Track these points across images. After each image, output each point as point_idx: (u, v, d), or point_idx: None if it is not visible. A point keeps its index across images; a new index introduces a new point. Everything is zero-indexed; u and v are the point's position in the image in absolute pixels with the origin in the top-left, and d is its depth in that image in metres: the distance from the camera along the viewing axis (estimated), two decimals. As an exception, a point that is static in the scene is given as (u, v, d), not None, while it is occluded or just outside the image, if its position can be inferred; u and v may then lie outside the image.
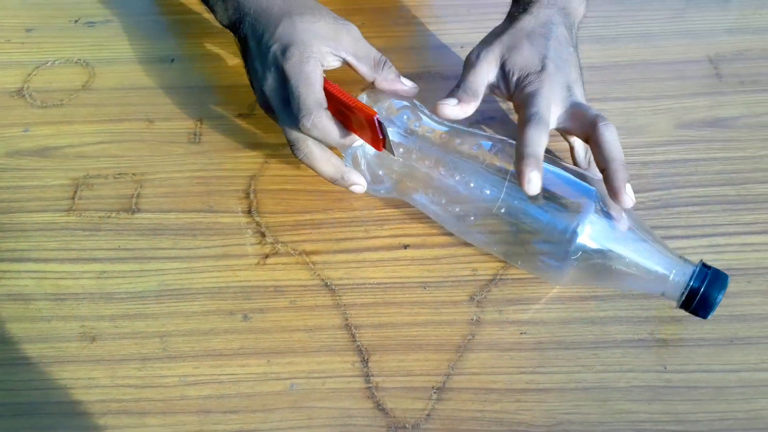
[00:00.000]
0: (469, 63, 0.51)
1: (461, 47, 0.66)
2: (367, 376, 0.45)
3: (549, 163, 0.46)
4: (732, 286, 0.48)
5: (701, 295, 0.42)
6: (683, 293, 0.43)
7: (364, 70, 0.51)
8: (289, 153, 0.57)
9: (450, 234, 0.52)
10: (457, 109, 0.49)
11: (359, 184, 0.50)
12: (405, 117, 0.50)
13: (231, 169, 0.57)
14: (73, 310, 0.49)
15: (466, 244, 0.51)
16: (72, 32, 0.68)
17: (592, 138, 0.46)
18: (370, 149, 0.49)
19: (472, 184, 0.46)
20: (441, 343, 0.47)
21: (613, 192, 0.44)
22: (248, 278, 0.50)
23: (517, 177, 0.44)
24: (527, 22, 0.51)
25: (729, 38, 0.64)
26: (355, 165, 0.50)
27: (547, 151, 0.46)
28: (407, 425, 0.43)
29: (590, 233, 0.43)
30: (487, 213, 0.46)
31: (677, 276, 0.43)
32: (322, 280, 0.50)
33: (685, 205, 0.53)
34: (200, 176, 0.56)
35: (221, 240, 0.52)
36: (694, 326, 0.46)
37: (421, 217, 0.53)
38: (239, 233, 0.53)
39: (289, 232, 0.53)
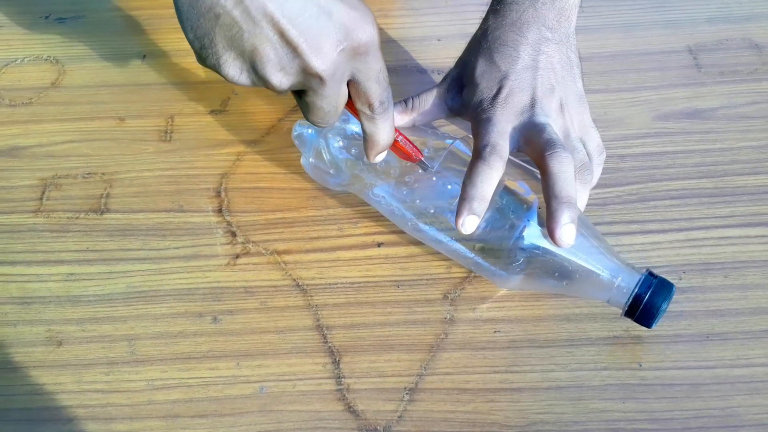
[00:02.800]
0: (437, 86, 0.51)
1: (438, 40, 0.65)
2: (339, 377, 0.45)
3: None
4: (708, 281, 0.48)
5: (645, 303, 0.41)
6: (627, 301, 0.42)
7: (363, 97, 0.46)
8: (263, 150, 0.57)
9: (424, 231, 0.51)
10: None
11: None
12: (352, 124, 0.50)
13: (202, 168, 0.56)
14: (40, 314, 0.48)
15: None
16: (42, 29, 0.67)
17: (540, 167, 0.43)
18: (333, 142, 0.49)
19: (416, 196, 0.47)
20: (414, 343, 0.46)
21: (548, 230, 0.41)
22: (218, 279, 0.49)
23: (455, 214, 0.42)
24: (496, 27, 0.48)
25: (709, 28, 0.64)
26: (319, 159, 0.49)
27: None
28: (378, 427, 0.43)
29: (532, 240, 0.43)
30: (427, 218, 0.46)
31: (622, 283, 0.42)
32: (294, 280, 0.49)
33: (662, 199, 0.52)
34: (171, 175, 0.55)
35: (191, 240, 0.51)
36: (669, 323, 0.46)
37: (395, 214, 0.52)
38: (209, 233, 0.52)
39: (261, 231, 0.52)
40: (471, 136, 0.47)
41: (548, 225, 0.41)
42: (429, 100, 0.50)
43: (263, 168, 0.56)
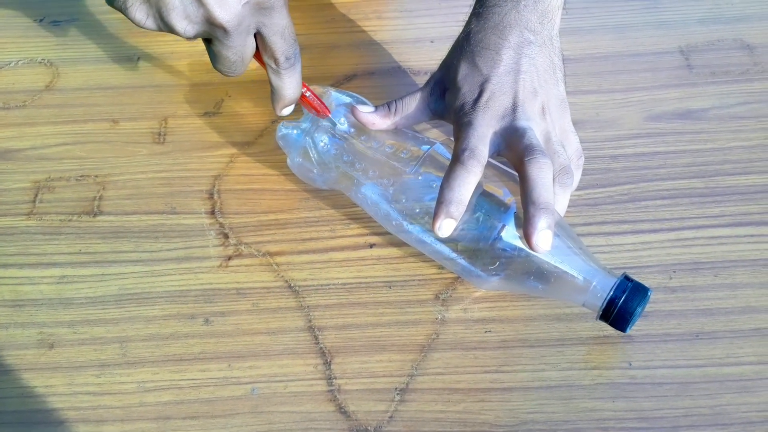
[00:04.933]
0: (421, 89, 0.50)
1: (431, 42, 0.65)
2: (330, 378, 0.45)
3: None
4: (698, 280, 0.48)
5: (619, 307, 0.42)
6: (602, 305, 0.42)
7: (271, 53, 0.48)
8: (256, 152, 0.57)
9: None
10: (366, 117, 0.49)
11: None
12: (341, 117, 0.50)
13: (195, 169, 0.56)
14: (32, 316, 0.48)
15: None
16: (36, 31, 0.67)
17: (519, 172, 0.42)
18: (319, 140, 0.49)
19: (400, 195, 0.47)
20: (405, 344, 0.46)
21: (525, 235, 0.40)
22: (210, 281, 0.49)
23: (432, 217, 0.42)
24: (478, 30, 0.47)
25: (701, 29, 0.64)
26: (306, 159, 0.50)
27: None
28: (369, 428, 0.43)
29: (510, 242, 0.43)
30: (411, 218, 0.47)
31: (598, 286, 0.42)
32: (286, 281, 0.49)
33: (653, 199, 0.52)
34: (164, 177, 0.55)
35: (183, 242, 0.51)
36: (660, 322, 0.46)
37: (387, 216, 0.52)
38: (202, 235, 0.52)
39: (253, 232, 0.52)
40: (452, 139, 0.47)
41: (525, 230, 0.40)
42: (412, 103, 0.50)
43: (256, 170, 0.56)
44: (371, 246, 0.51)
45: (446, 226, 0.41)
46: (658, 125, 0.57)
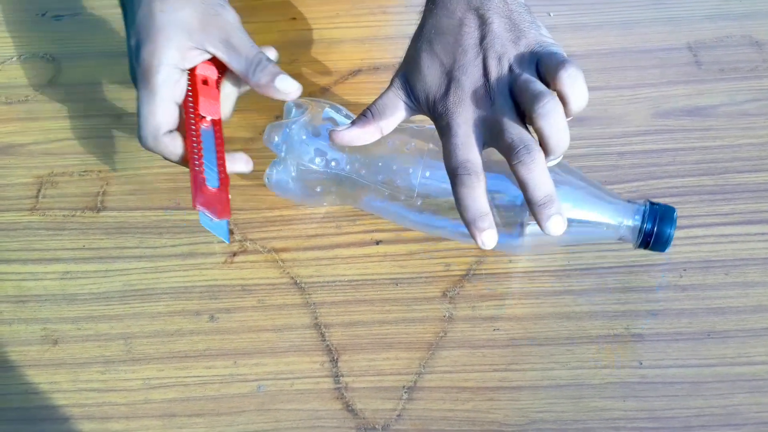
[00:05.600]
0: (389, 85, 0.46)
1: (437, 37, 0.64)
2: (337, 376, 0.44)
3: None
4: (709, 279, 0.47)
5: (656, 234, 0.44)
6: (638, 237, 0.45)
7: (236, 67, 0.45)
8: (260, 147, 0.56)
9: (423, 229, 0.51)
10: (348, 135, 0.44)
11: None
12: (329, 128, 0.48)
13: (200, 165, 0.55)
14: (35, 312, 0.48)
15: (440, 239, 0.50)
16: (38, 26, 0.67)
17: (511, 169, 0.40)
18: (291, 169, 0.48)
19: (407, 170, 0.46)
20: (412, 341, 0.45)
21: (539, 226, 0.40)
22: (215, 277, 0.49)
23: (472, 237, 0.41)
24: (430, 15, 0.44)
25: (709, 25, 0.63)
26: (306, 185, 0.49)
27: None
28: (377, 426, 0.42)
29: None
30: (427, 195, 0.46)
31: (628, 221, 0.45)
32: (292, 278, 0.49)
33: (663, 197, 0.51)
34: (168, 172, 0.55)
35: (188, 238, 0.51)
36: (670, 320, 0.45)
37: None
38: (206, 231, 0.51)
39: (259, 228, 0.51)
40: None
41: (537, 222, 0.40)
42: (387, 104, 0.45)
43: (260, 165, 0.55)
44: (377, 243, 0.50)
45: (488, 239, 0.40)
46: (667, 122, 0.56)
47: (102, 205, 0.53)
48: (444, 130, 0.42)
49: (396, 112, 0.45)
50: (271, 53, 0.50)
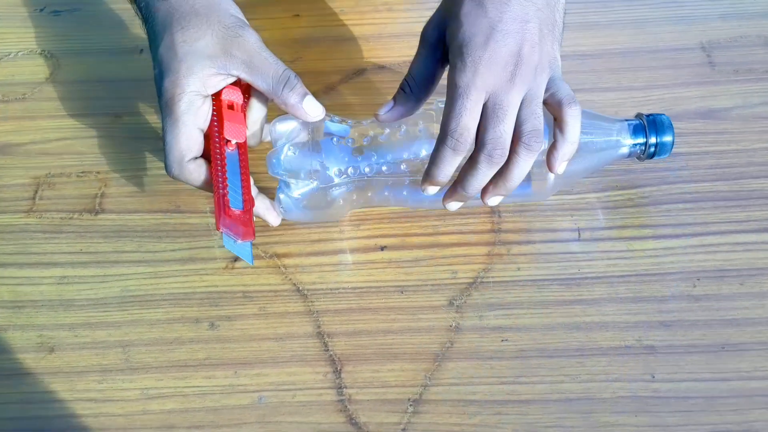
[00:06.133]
0: (420, 42, 0.45)
1: (444, 35, 0.63)
2: (340, 387, 0.43)
3: None
4: (724, 288, 0.46)
5: (658, 144, 0.47)
6: (643, 150, 0.48)
7: (261, 87, 0.45)
8: (261, 149, 0.55)
9: (429, 234, 0.49)
10: (393, 115, 0.45)
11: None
12: (334, 140, 0.47)
13: (200, 167, 0.54)
14: (31, 318, 0.47)
15: (446, 245, 0.49)
16: (36, 22, 0.65)
17: (565, 111, 0.42)
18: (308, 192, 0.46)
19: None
20: (418, 352, 0.44)
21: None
22: (216, 283, 0.48)
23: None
24: None
25: (723, 24, 0.62)
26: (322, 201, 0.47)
27: None
28: (381, 440, 0.41)
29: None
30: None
31: (630, 139, 0.48)
32: (294, 284, 0.47)
33: (675, 202, 0.50)
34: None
35: (188, 242, 0.50)
36: (684, 332, 0.44)
37: (400, 217, 0.50)
38: (207, 235, 0.50)
39: (260, 233, 0.50)
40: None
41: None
42: (423, 73, 0.45)
43: (261, 167, 0.53)
44: (382, 248, 0.49)
45: (431, 191, 0.44)
46: (680, 125, 0.55)
47: (100, 208, 0.52)
48: (457, 90, 0.41)
49: (433, 80, 0.45)
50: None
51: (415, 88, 0.45)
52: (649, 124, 0.47)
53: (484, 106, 0.41)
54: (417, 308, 0.46)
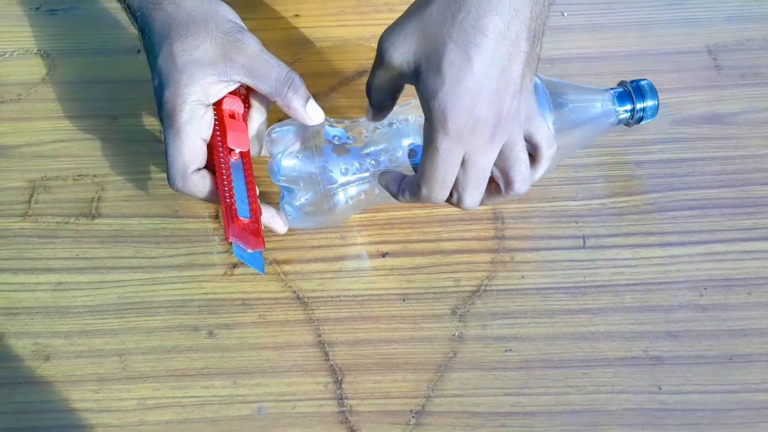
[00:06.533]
0: (378, 55, 0.40)
1: (446, 36, 0.62)
2: (341, 398, 0.42)
3: None
4: (731, 298, 0.45)
5: (644, 109, 0.48)
6: (632, 117, 0.49)
7: (264, 90, 0.44)
8: (261, 158, 0.54)
9: (431, 241, 0.48)
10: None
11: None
12: (335, 139, 0.46)
13: (199, 170, 0.53)
14: (26, 325, 0.46)
15: (449, 252, 0.48)
16: (32, 21, 0.64)
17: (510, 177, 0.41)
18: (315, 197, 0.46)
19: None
20: (420, 362, 0.43)
21: None
22: (214, 290, 0.47)
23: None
24: (478, 5, 0.36)
25: (729, 27, 0.61)
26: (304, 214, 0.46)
27: None
28: (383, 452, 0.40)
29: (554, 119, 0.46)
30: None
31: (618, 107, 0.48)
32: (294, 292, 0.47)
33: (681, 209, 0.49)
34: (166, 178, 0.52)
35: (186, 248, 0.49)
36: (691, 342, 0.43)
37: (401, 223, 0.49)
38: (206, 240, 0.49)
39: (260, 239, 0.49)
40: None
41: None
42: (382, 92, 0.42)
43: (261, 172, 0.53)
44: (384, 255, 0.48)
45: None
46: (686, 130, 0.54)
47: (97, 212, 0.51)
48: (434, 142, 0.38)
49: (394, 100, 0.44)
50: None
51: (370, 110, 0.44)
52: (634, 90, 0.48)
53: (462, 161, 0.39)
54: (419, 317, 0.45)
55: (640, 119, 0.49)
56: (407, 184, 0.42)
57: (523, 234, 0.49)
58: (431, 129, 0.38)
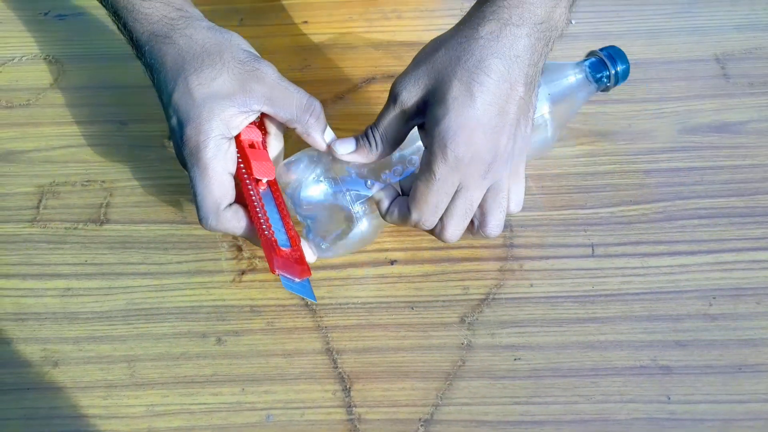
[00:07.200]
0: (391, 97, 0.42)
1: (454, 44, 0.62)
2: (349, 406, 0.42)
3: None
4: (740, 307, 0.45)
5: (617, 72, 0.50)
6: (608, 82, 0.50)
7: (285, 117, 0.43)
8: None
9: (440, 248, 0.48)
10: (352, 158, 0.43)
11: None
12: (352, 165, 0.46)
13: (207, 176, 0.53)
14: (35, 331, 0.46)
15: (457, 260, 0.48)
16: (41, 26, 0.64)
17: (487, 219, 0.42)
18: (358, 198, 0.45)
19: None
20: (429, 370, 0.43)
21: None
22: (223, 297, 0.47)
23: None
24: (485, 46, 0.39)
25: (737, 35, 0.61)
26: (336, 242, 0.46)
27: None
28: (392, 461, 0.40)
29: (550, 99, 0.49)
30: None
31: (595, 75, 0.50)
32: (302, 299, 0.47)
33: (690, 218, 0.49)
34: (174, 184, 0.53)
35: (195, 254, 0.49)
36: (700, 352, 0.43)
37: (410, 230, 0.49)
38: (214, 247, 0.49)
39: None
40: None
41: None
42: (392, 130, 0.42)
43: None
44: (392, 263, 0.48)
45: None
46: (694, 138, 0.54)
47: (105, 218, 0.51)
48: (436, 173, 0.39)
49: (401, 139, 0.43)
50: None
51: (380, 145, 0.43)
52: (608, 57, 0.50)
53: (455, 192, 0.41)
54: (428, 325, 0.45)
55: (616, 82, 0.51)
56: (397, 204, 0.43)
57: (531, 242, 0.49)
58: (431, 155, 0.40)
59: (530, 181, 0.51)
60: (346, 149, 0.43)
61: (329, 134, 0.44)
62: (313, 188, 0.45)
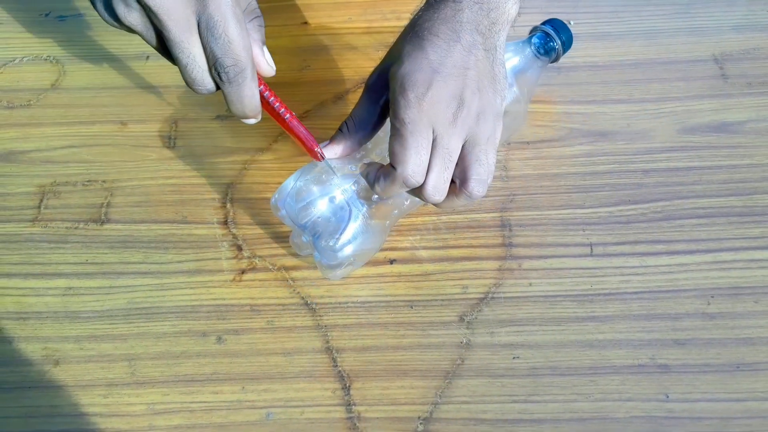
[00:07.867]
0: (364, 89, 0.44)
1: (453, 44, 0.62)
2: (349, 405, 0.42)
3: None
4: (738, 306, 0.45)
5: (563, 41, 0.53)
6: (555, 53, 0.54)
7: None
8: (270, 158, 0.55)
9: (439, 248, 0.49)
10: (329, 152, 0.43)
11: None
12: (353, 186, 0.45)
13: (207, 176, 0.53)
14: (36, 330, 0.46)
15: (456, 259, 0.48)
16: (41, 27, 0.65)
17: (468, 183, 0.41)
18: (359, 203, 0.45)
19: None
20: (428, 369, 0.44)
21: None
22: (223, 296, 0.47)
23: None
24: (428, 19, 0.42)
25: (736, 36, 0.61)
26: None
27: None
28: (391, 459, 0.40)
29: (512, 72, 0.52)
30: None
31: (543, 50, 0.53)
32: (302, 298, 0.47)
33: (689, 218, 0.49)
34: (174, 184, 0.53)
35: (195, 254, 0.49)
36: (698, 351, 0.43)
37: (409, 229, 0.50)
38: (214, 246, 0.49)
39: (268, 245, 0.49)
40: None
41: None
42: (363, 112, 0.43)
43: (270, 177, 0.53)
44: (392, 262, 0.48)
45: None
46: (693, 138, 0.54)
47: (106, 218, 0.51)
48: (402, 127, 0.40)
49: (373, 124, 0.44)
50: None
51: (353, 128, 0.43)
52: (553, 30, 0.53)
53: (432, 142, 0.40)
54: (427, 324, 0.45)
55: (564, 51, 0.54)
56: (382, 170, 0.42)
57: (530, 241, 0.49)
58: (395, 105, 0.40)
59: (530, 181, 0.52)
60: (325, 145, 0.44)
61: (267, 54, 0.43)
62: (302, 190, 0.45)
